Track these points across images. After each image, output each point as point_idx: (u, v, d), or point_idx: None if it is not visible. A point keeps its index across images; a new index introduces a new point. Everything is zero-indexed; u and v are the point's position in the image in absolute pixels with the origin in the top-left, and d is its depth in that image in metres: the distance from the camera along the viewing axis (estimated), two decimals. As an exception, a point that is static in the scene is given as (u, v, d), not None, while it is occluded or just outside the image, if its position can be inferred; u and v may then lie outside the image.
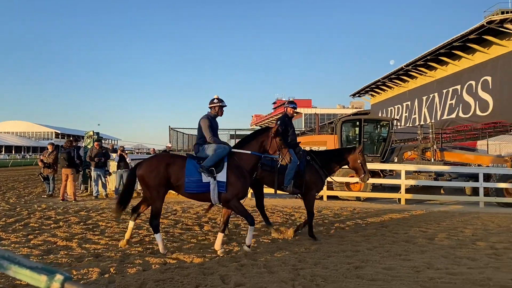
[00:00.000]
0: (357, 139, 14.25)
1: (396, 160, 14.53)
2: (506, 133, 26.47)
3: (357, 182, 13.40)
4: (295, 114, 7.65)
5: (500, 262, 5.74)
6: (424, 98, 43.13)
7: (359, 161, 7.19)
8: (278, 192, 7.28)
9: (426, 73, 41.54)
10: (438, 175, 13.29)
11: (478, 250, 6.40)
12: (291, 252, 6.04)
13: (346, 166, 7.52)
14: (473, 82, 34.95)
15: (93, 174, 12.85)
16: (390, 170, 14.34)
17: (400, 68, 43.30)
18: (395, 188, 13.57)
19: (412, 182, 12.85)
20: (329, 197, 13.10)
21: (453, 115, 37.53)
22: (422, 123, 38.02)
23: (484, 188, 12.23)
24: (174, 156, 6.28)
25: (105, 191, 13.14)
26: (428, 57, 37.92)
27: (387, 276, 4.96)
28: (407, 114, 47.27)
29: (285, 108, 7.47)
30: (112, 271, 4.89)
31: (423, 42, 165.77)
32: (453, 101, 37.82)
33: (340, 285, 4.60)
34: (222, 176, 5.71)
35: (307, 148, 14.62)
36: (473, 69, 34.98)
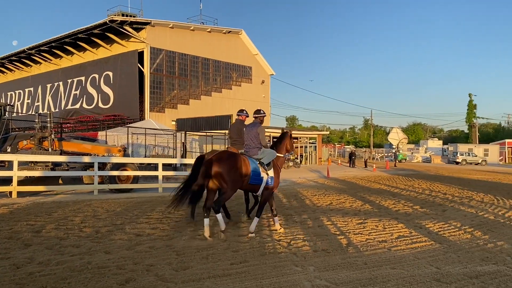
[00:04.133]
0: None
1: (9, 150, 13.24)
2: (122, 125, 29.13)
3: None
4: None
5: (102, 245, 6.20)
6: (49, 85, 41.65)
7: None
8: None
9: (51, 60, 40.18)
10: (56, 165, 13.04)
11: (84, 237, 6.67)
12: None
13: None
14: (96, 76, 36.57)
15: None
16: (2, 161, 12.95)
17: (22, 51, 39.90)
18: (8, 181, 12.34)
19: (26, 173, 12.11)
20: None
21: (77, 106, 38.08)
22: (46, 111, 36.55)
23: (99, 176, 13.00)
24: (241, 153, 7.31)
25: None
26: (53, 44, 36.68)
27: (-24, 282, 4.38)
28: (29, 101, 44.24)
29: (241, 116, 8.66)
30: None
31: (51, 29, 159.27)
32: (78, 92, 38.36)
33: None
34: (271, 172, 7.26)
35: None
36: (97, 63, 36.63)
